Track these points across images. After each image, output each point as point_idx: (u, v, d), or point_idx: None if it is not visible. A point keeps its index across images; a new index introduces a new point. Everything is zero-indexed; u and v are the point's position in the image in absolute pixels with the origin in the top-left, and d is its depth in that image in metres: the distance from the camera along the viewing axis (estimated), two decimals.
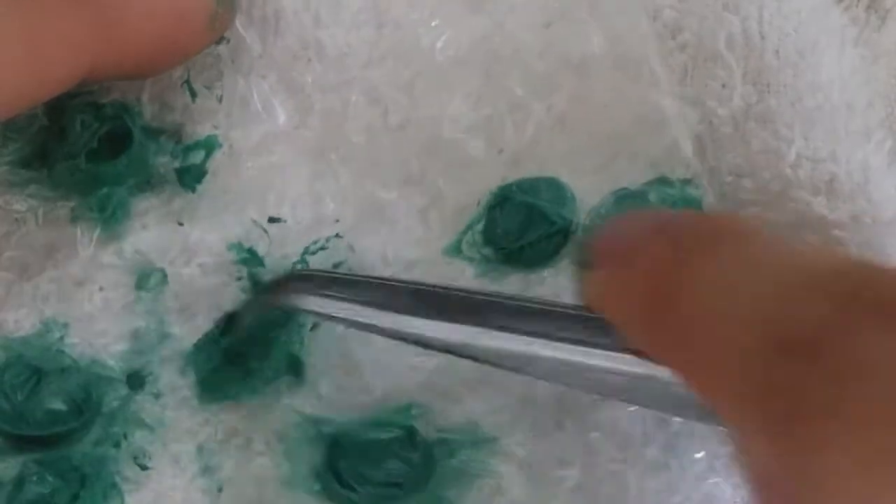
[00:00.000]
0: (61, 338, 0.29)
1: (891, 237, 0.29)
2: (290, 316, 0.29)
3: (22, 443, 0.28)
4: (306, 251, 0.30)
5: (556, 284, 0.30)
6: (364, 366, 0.29)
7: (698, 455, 0.28)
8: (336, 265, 0.30)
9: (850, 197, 0.29)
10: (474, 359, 0.26)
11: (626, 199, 0.30)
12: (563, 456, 0.28)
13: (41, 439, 0.29)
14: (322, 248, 0.30)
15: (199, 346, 0.29)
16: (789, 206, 0.29)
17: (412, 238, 0.30)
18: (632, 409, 0.29)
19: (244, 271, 0.30)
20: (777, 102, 0.29)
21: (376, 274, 0.30)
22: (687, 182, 0.29)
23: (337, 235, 0.30)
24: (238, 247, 0.30)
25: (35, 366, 0.29)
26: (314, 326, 0.30)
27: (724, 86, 0.30)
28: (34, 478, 0.28)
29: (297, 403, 0.29)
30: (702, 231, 0.22)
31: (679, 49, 0.30)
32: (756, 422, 0.18)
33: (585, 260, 0.24)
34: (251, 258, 0.30)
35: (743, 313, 0.19)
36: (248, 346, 0.29)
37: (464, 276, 0.30)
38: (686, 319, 0.20)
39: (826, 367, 0.17)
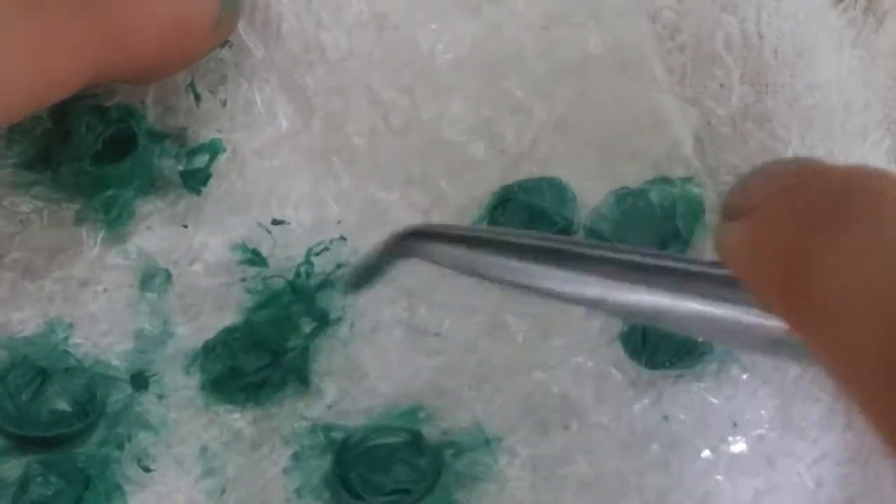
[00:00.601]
0: (66, 338, 0.29)
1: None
2: (295, 323, 0.30)
3: (26, 443, 0.29)
4: (310, 252, 0.30)
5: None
6: (369, 370, 0.29)
7: (700, 453, 0.28)
8: (340, 266, 0.30)
9: None
10: (604, 311, 0.25)
11: (626, 197, 0.30)
12: (567, 455, 0.28)
13: (45, 440, 0.29)
14: (325, 250, 0.30)
15: (206, 349, 0.29)
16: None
17: None
18: (634, 407, 0.29)
19: (248, 272, 0.30)
20: (775, 102, 0.30)
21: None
22: (688, 180, 0.30)
23: (341, 237, 0.30)
24: (242, 248, 0.30)
25: (40, 366, 0.29)
26: (319, 331, 0.30)
27: (722, 86, 0.30)
28: (38, 478, 0.28)
29: (303, 408, 0.29)
30: (845, 191, 0.21)
31: (678, 50, 0.30)
32: (887, 390, 0.18)
33: (726, 208, 0.23)
34: (255, 259, 0.30)
35: (878, 290, 0.19)
36: (255, 353, 0.29)
37: (466, 280, 0.30)
38: (820, 286, 0.20)
39: None
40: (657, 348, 0.28)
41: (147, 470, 0.29)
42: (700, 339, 0.28)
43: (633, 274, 0.24)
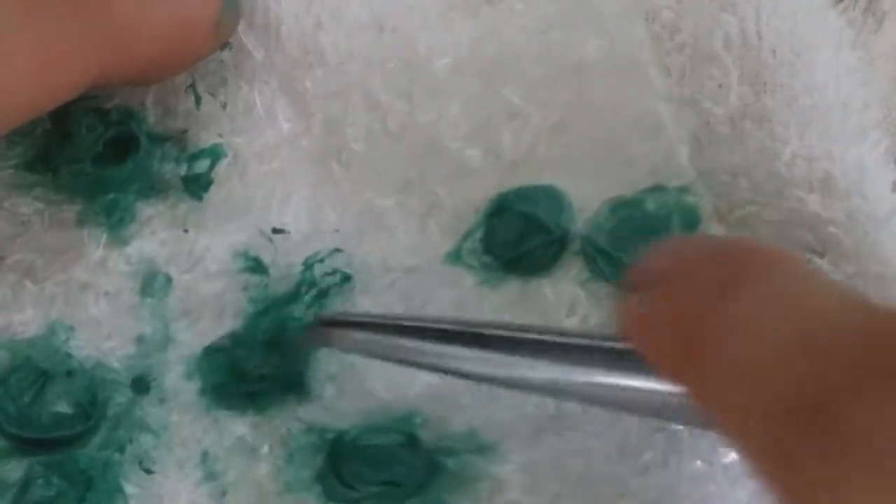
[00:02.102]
0: (67, 340, 0.29)
1: (885, 234, 0.29)
2: (295, 332, 0.30)
3: (28, 445, 0.29)
4: (308, 260, 0.30)
5: (554, 292, 0.30)
6: (366, 375, 0.29)
7: (695, 460, 0.28)
8: (336, 272, 0.30)
9: (845, 194, 0.29)
10: (510, 388, 0.26)
11: (622, 207, 0.30)
12: (562, 461, 0.28)
13: (47, 442, 0.29)
14: (322, 260, 0.30)
15: (207, 354, 0.30)
16: (784, 204, 0.29)
17: (411, 245, 0.30)
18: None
19: (249, 279, 0.30)
20: (773, 102, 0.30)
21: (377, 281, 0.30)
22: (683, 189, 0.30)
23: (337, 249, 0.30)
24: (243, 255, 0.30)
25: (41, 368, 0.29)
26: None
27: (720, 86, 0.30)
28: (40, 480, 0.28)
29: (301, 411, 0.29)
30: (745, 265, 0.22)
31: (677, 50, 0.30)
32: (767, 463, 0.19)
33: (625, 282, 0.24)
34: (256, 267, 0.30)
35: (762, 364, 0.19)
36: (254, 358, 0.29)
37: (464, 283, 0.30)
38: (712, 359, 0.20)
39: (832, 435, 0.18)
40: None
41: (148, 472, 0.29)
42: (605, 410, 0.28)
43: (537, 352, 0.25)
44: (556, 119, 0.30)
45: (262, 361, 0.29)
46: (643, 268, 0.24)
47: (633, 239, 0.29)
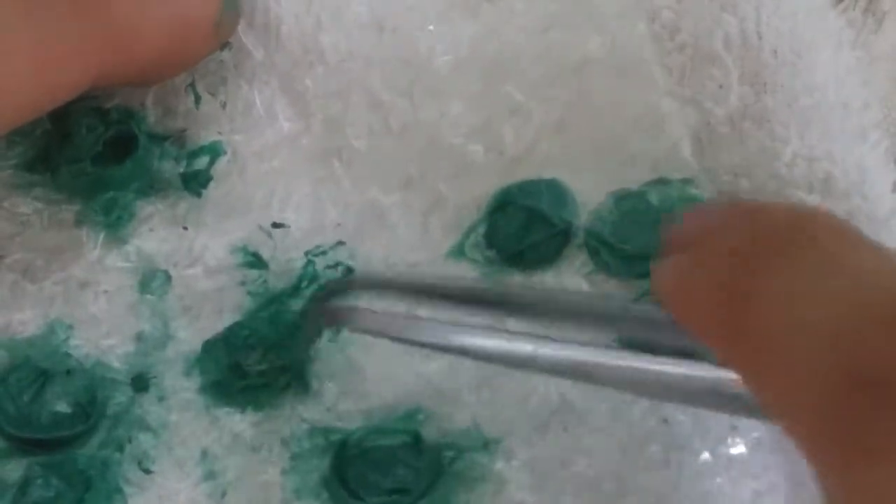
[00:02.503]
0: (66, 339, 0.29)
1: (886, 234, 0.29)
2: (296, 325, 0.30)
3: (27, 445, 0.29)
4: (309, 255, 0.30)
5: (558, 285, 0.30)
6: (368, 373, 0.29)
7: (699, 455, 0.28)
8: (337, 265, 0.30)
9: (845, 194, 0.29)
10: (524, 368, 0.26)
11: (625, 199, 0.30)
12: (566, 456, 0.28)
13: (46, 442, 0.29)
14: (324, 253, 0.30)
15: (206, 350, 0.29)
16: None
17: (414, 241, 0.30)
18: (634, 409, 0.29)
19: (248, 275, 0.30)
20: (773, 102, 0.30)
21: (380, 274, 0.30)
22: (687, 182, 0.30)
23: (339, 242, 0.30)
24: (242, 251, 0.30)
25: (41, 368, 0.29)
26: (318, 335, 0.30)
27: (720, 86, 0.30)
28: (39, 480, 0.28)
29: (303, 410, 0.29)
30: (782, 227, 0.21)
31: (677, 50, 0.30)
32: (826, 448, 0.18)
33: (659, 247, 0.23)
34: (255, 262, 0.30)
35: (818, 337, 0.19)
36: (254, 354, 0.29)
37: (467, 277, 0.30)
38: (760, 328, 0.20)
39: (891, 416, 0.17)
40: (656, 352, 0.28)
41: (148, 472, 0.29)
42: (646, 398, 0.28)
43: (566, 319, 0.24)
44: (557, 116, 0.30)
45: (261, 357, 0.29)
46: (679, 231, 0.23)
47: (637, 231, 0.29)
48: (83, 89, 0.27)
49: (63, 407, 0.29)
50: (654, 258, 0.23)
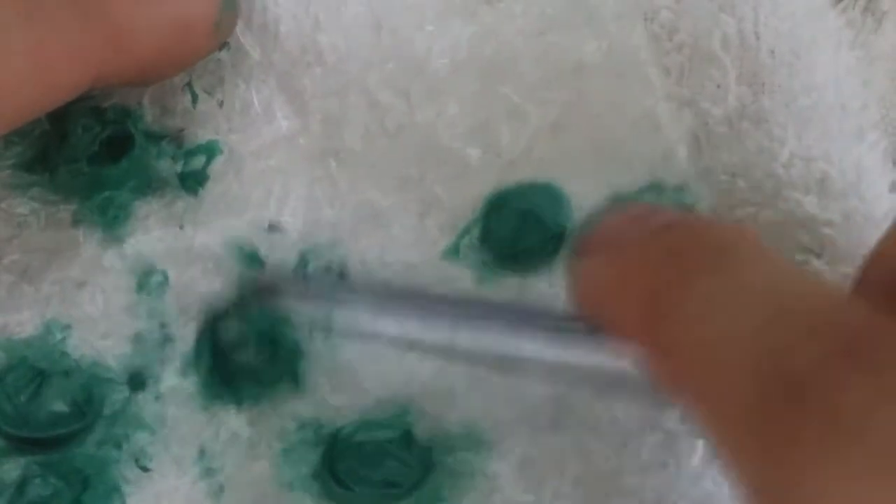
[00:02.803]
0: (63, 339, 0.29)
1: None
2: (288, 320, 0.30)
3: (24, 445, 0.29)
4: (304, 255, 0.30)
5: (553, 287, 0.30)
6: (360, 370, 0.29)
7: (696, 453, 0.29)
8: (332, 268, 0.30)
9: (842, 195, 0.29)
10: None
11: (619, 203, 0.30)
12: (560, 456, 0.29)
13: (44, 441, 0.29)
14: (320, 253, 0.30)
15: (199, 348, 0.30)
16: (781, 205, 0.29)
17: (409, 242, 0.30)
18: (630, 409, 0.29)
19: (243, 274, 0.30)
20: (771, 102, 0.30)
21: (375, 277, 0.30)
22: (680, 188, 0.30)
23: (334, 242, 0.30)
24: (238, 250, 0.30)
25: (38, 368, 0.29)
26: (311, 331, 0.30)
27: (718, 86, 0.30)
28: (37, 480, 0.28)
29: (297, 406, 0.29)
30: (705, 240, 0.22)
31: (675, 50, 0.30)
32: (751, 451, 0.19)
33: (579, 249, 0.23)
34: (251, 262, 0.30)
35: (738, 342, 0.19)
36: (248, 352, 0.30)
37: (462, 279, 0.30)
38: (682, 343, 0.20)
39: (810, 414, 0.18)
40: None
41: (145, 470, 0.29)
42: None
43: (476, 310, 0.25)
44: (554, 119, 0.30)
45: (255, 355, 0.30)
46: (600, 231, 0.23)
47: None
48: (83, 89, 0.27)
49: (60, 406, 0.29)
50: (570, 263, 0.24)
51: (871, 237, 0.29)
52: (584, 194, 0.30)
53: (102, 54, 0.27)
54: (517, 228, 0.30)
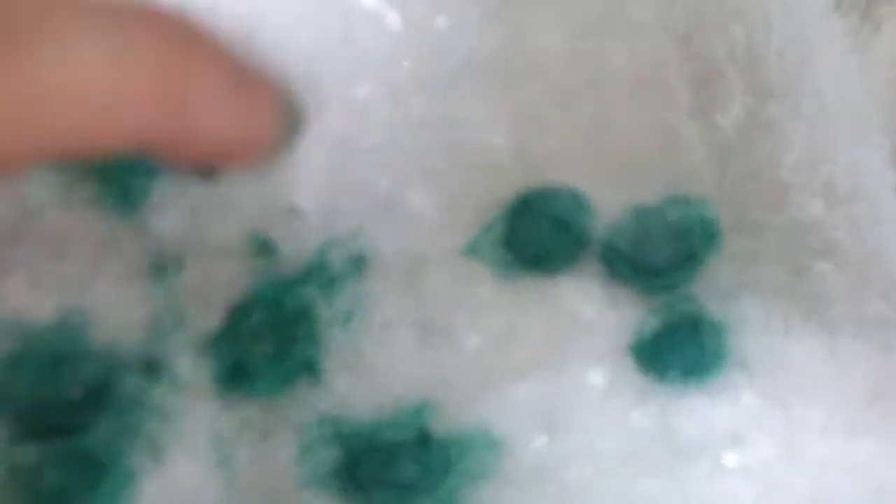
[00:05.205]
0: (79, 325, 0.29)
1: (889, 238, 0.30)
2: (305, 313, 0.30)
3: (40, 431, 0.28)
4: (323, 244, 0.30)
5: (572, 292, 0.30)
6: (378, 365, 0.30)
7: (702, 463, 0.29)
8: (349, 258, 0.30)
9: (848, 199, 0.30)
10: None
11: (643, 214, 0.30)
12: (571, 459, 0.29)
13: (59, 427, 0.28)
14: (339, 243, 0.30)
15: (217, 337, 0.29)
16: (788, 210, 0.30)
17: (429, 237, 0.31)
18: (638, 417, 0.29)
19: (260, 262, 0.30)
20: (778, 109, 0.30)
21: (391, 271, 0.30)
22: (705, 201, 0.30)
23: (354, 231, 0.30)
24: (254, 237, 0.30)
25: (53, 354, 0.28)
26: (329, 324, 0.30)
27: (727, 94, 0.31)
28: (52, 466, 0.28)
29: (313, 399, 0.29)
30: None
31: (689, 59, 0.31)
32: None
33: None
34: (267, 248, 0.30)
35: None
36: (265, 342, 0.30)
37: (481, 278, 0.30)
38: None
39: None
40: (667, 362, 0.29)
41: (160, 458, 0.29)
42: None
43: None
44: (580, 125, 0.31)
45: (271, 345, 0.30)
46: None
47: (653, 248, 0.30)
48: (132, 145, 0.25)
49: (76, 393, 0.29)
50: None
51: (878, 241, 0.30)
52: (606, 202, 0.30)
53: (169, 121, 0.26)
54: (542, 232, 0.30)
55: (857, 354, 0.29)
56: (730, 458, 0.29)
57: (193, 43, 0.26)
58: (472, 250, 0.30)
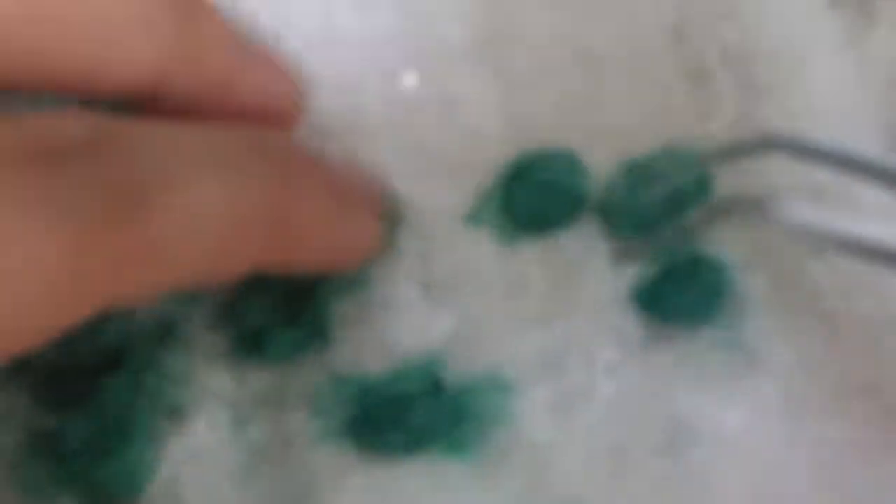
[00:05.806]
0: None
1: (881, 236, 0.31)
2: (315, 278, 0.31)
3: (59, 397, 0.29)
4: None
5: (573, 251, 0.31)
6: (385, 323, 0.30)
7: (705, 440, 0.30)
8: None
9: (841, 196, 0.31)
10: None
11: (634, 167, 0.31)
12: (586, 397, 0.30)
13: (76, 392, 0.29)
14: None
15: (232, 303, 0.30)
16: (780, 209, 0.31)
17: (427, 209, 0.32)
18: (643, 385, 0.30)
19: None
20: (770, 107, 0.32)
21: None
22: (693, 152, 0.31)
23: None
24: None
25: None
26: (337, 290, 0.31)
27: (718, 91, 0.32)
28: (71, 432, 0.29)
29: (325, 361, 0.30)
30: None
31: (680, 55, 0.32)
32: None
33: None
34: None
35: None
36: (280, 309, 0.30)
37: (481, 244, 0.31)
38: None
39: None
40: (669, 305, 0.30)
41: (177, 422, 0.29)
42: None
43: None
44: (573, 93, 0.32)
45: (284, 311, 0.30)
46: None
47: (648, 197, 0.31)
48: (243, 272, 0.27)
49: (93, 359, 0.29)
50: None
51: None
52: (601, 165, 0.31)
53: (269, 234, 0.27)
54: (538, 197, 0.31)
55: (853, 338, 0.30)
56: (733, 433, 0.29)
57: (299, 163, 0.28)
58: (472, 219, 0.31)
